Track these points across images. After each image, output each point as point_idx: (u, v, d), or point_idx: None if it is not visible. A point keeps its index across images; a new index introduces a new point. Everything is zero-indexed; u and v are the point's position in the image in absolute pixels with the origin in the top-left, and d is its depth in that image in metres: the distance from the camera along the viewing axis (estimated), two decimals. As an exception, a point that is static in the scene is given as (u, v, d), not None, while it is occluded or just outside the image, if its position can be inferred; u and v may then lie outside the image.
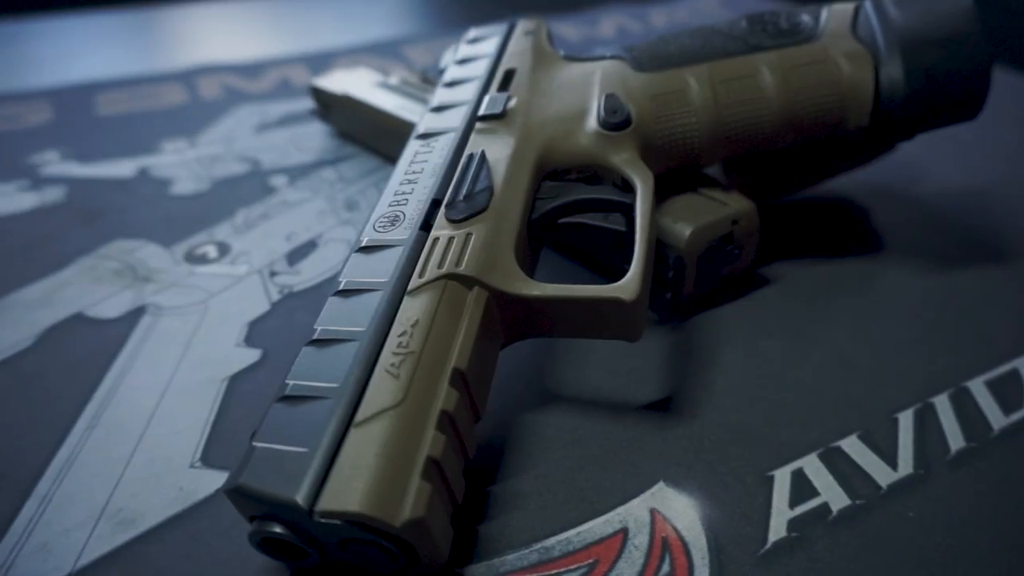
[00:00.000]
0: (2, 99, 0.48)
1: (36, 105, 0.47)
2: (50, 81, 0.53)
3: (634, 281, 0.22)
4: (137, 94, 0.49)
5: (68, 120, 0.46)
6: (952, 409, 0.25)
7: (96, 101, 0.48)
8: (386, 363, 0.19)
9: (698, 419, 0.24)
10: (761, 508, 0.21)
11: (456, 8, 0.73)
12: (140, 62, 0.57)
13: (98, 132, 0.44)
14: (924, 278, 0.31)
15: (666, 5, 0.68)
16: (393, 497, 0.17)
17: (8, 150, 0.42)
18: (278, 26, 0.68)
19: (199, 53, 0.60)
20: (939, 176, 0.39)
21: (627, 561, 0.20)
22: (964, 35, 0.26)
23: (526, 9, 0.70)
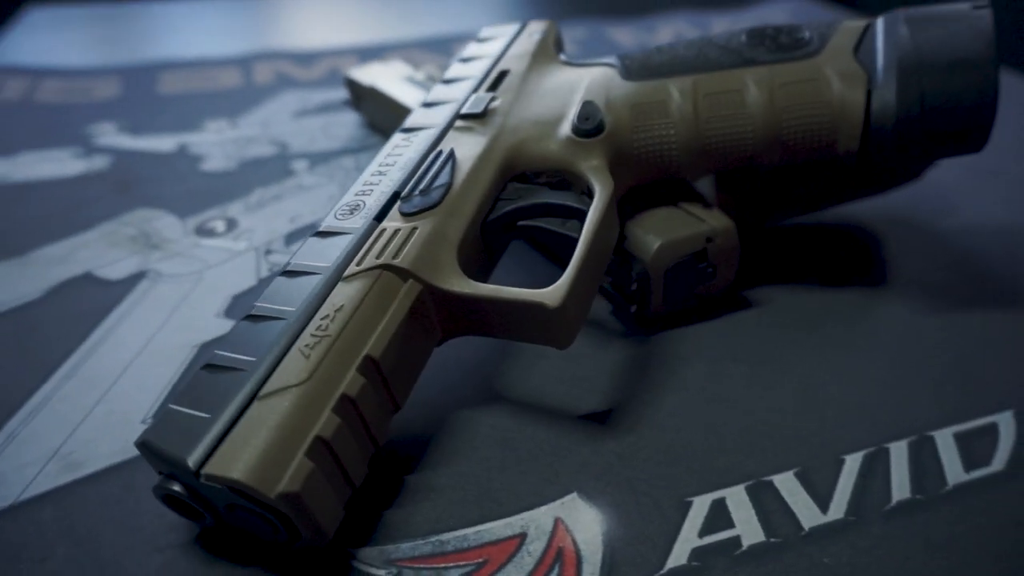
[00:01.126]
0: (80, 73, 0.53)
1: (107, 80, 0.52)
2: (158, 56, 0.57)
3: (561, 289, 0.21)
4: (197, 75, 0.53)
5: (131, 96, 0.50)
6: (908, 457, 0.23)
7: (160, 80, 0.52)
8: (302, 343, 0.20)
9: (634, 435, 0.24)
10: (668, 533, 0.21)
11: (532, 7, 0.74)
12: (239, 44, 0.61)
13: (154, 109, 0.48)
14: (924, 317, 0.29)
15: (731, 13, 0.66)
16: (273, 469, 0.18)
17: (74, 120, 0.46)
18: (377, 15, 0.70)
19: (299, 38, 0.63)
20: (972, 210, 0.36)
21: (516, 566, 0.20)
22: (972, 62, 0.25)
23: (591, 11, 0.70)
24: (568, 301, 0.21)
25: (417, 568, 0.20)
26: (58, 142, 0.43)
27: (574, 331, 0.22)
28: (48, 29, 0.65)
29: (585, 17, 0.68)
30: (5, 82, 0.51)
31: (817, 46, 0.27)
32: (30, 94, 0.49)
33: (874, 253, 0.33)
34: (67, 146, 0.42)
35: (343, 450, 0.19)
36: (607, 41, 0.60)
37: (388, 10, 0.72)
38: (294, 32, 0.66)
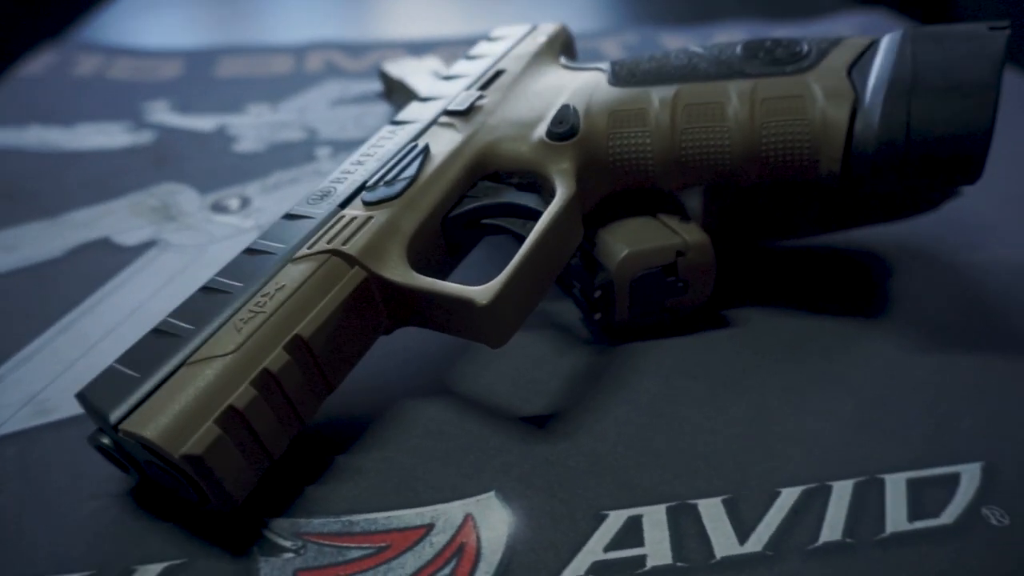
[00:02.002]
0: (149, 54, 0.57)
1: (171, 61, 0.55)
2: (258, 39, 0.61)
3: (492, 288, 0.22)
4: (253, 61, 0.56)
5: (190, 77, 0.53)
6: (850, 498, 0.22)
7: (219, 63, 0.55)
8: (238, 317, 0.21)
9: (569, 442, 0.24)
10: (574, 543, 0.20)
11: (633, 10, 0.73)
12: (349, 31, 0.64)
13: (206, 90, 0.50)
14: (910, 355, 0.27)
15: (795, 24, 0.63)
16: (181, 432, 0.19)
17: (132, 96, 0.49)
18: (448, 10, 0.72)
19: (392, 29, 0.66)
20: (1001, 247, 0.33)
21: (414, 554, 0.20)
22: (970, 86, 0.23)
23: (653, 18, 0.69)
24: (499, 301, 0.22)
25: (320, 544, 0.20)
26: (113, 116, 0.46)
27: (507, 331, 0.22)
28: (148, 9, 0.70)
29: (645, 23, 0.67)
30: (81, 58, 0.55)
31: (812, 61, 0.26)
32: (102, 71, 0.53)
33: (878, 283, 0.31)
34: (120, 120, 0.46)
35: (258, 422, 0.20)
36: (660, 48, 0.59)
37: (457, 7, 0.73)
38: (391, 22, 0.68)
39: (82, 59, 0.55)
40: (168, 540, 0.20)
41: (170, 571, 0.20)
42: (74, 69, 0.53)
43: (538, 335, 0.28)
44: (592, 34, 0.62)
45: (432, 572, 0.20)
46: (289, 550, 0.20)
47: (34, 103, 0.48)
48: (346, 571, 0.20)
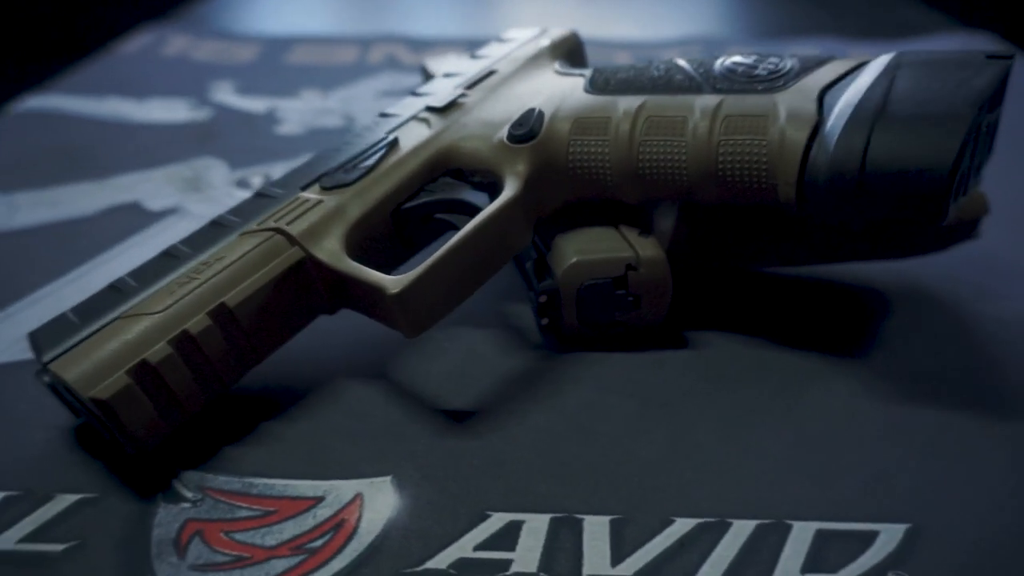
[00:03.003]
0: (230, 38, 0.61)
1: (248, 46, 0.59)
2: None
3: (406, 279, 0.22)
4: (322, 50, 0.59)
5: (262, 62, 0.57)
6: (746, 539, 0.21)
7: (292, 50, 0.59)
8: (176, 281, 0.23)
9: (479, 441, 0.24)
10: (447, 537, 0.21)
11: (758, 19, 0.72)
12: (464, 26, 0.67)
13: (271, 74, 0.54)
14: (873, 403, 0.25)
15: (888, 45, 0.59)
16: (95, 377, 0.21)
17: (205, 76, 0.54)
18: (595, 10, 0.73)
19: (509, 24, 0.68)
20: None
21: (295, 523, 0.21)
22: (940, 119, 0.21)
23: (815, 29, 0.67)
24: (411, 292, 0.22)
25: (217, 500, 0.22)
26: (181, 93, 0.50)
27: (419, 323, 0.23)
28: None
29: (735, 38, 0.65)
30: (172, 39, 0.60)
31: (789, 80, 0.25)
32: (187, 52, 0.58)
33: (866, 322, 0.29)
34: (186, 97, 0.50)
35: (173, 378, 0.22)
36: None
37: (581, 8, 0.74)
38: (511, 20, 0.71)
39: (173, 40, 0.60)
40: (91, 475, 0.23)
41: (83, 503, 0.22)
42: (163, 49, 0.58)
43: (490, 334, 0.29)
44: (668, 43, 0.61)
45: (305, 542, 0.21)
46: (188, 500, 0.22)
47: (118, 77, 0.53)
48: (229, 527, 0.21)
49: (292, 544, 0.21)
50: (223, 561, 0.20)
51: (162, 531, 0.21)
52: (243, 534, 0.21)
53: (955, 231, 0.29)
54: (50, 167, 0.41)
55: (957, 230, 0.29)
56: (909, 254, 0.29)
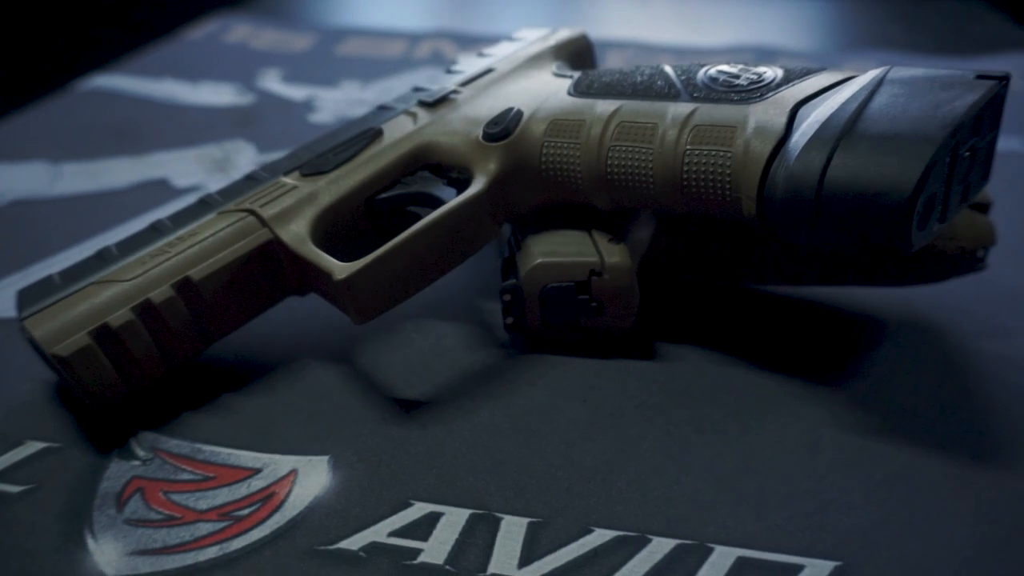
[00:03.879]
0: (288, 28, 0.63)
1: (305, 37, 0.61)
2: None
3: (354, 266, 0.23)
4: (374, 43, 0.60)
5: (313, 52, 0.59)
6: (662, 557, 0.20)
7: (344, 41, 0.61)
8: (150, 253, 0.24)
9: (421, 430, 0.24)
10: (366, 520, 0.21)
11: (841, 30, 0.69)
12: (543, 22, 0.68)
13: (319, 64, 0.56)
14: (835, 434, 0.24)
15: (956, 61, 0.56)
16: (59, 335, 0.22)
17: (256, 63, 0.56)
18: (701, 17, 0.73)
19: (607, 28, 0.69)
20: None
21: (230, 490, 0.22)
22: (908, 141, 0.20)
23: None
24: (358, 279, 0.23)
25: (164, 460, 0.23)
26: (232, 78, 0.53)
27: (367, 310, 0.23)
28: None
29: (808, 51, 0.63)
30: (235, 28, 0.63)
31: (768, 92, 0.24)
32: (246, 40, 0.61)
33: (855, 349, 0.28)
34: (235, 82, 0.52)
35: (133, 343, 0.23)
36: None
37: (667, 13, 0.74)
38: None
39: (236, 28, 0.63)
40: (60, 426, 0.24)
41: (48, 451, 0.23)
42: (225, 36, 0.62)
43: (459, 328, 0.29)
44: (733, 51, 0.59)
45: (233, 509, 0.22)
46: (139, 459, 0.23)
47: (179, 61, 0.56)
48: (169, 488, 0.22)
49: (221, 510, 0.22)
50: (155, 519, 0.21)
51: (109, 484, 0.22)
52: (179, 495, 0.22)
53: (956, 261, 0.27)
54: (98, 142, 0.44)
55: (958, 260, 0.27)
56: (905, 282, 0.28)
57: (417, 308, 0.30)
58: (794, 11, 0.72)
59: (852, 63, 0.56)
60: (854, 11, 0.72)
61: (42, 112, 0.48)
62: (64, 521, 0.21)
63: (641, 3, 0.75)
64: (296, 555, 0.20)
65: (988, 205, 0.27)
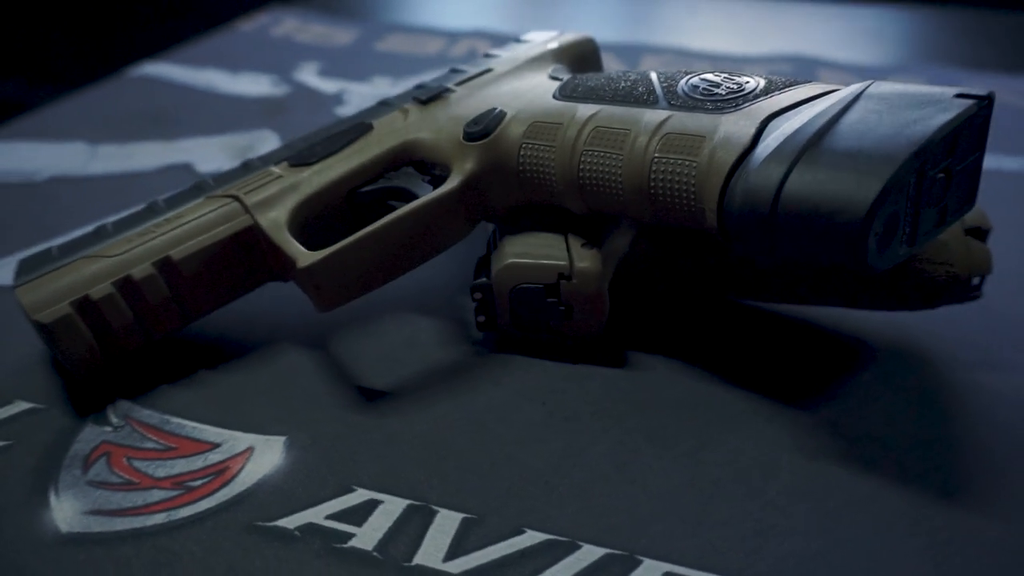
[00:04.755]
0: (333, 23, 0.65)
1: (348, 32, 0.63)
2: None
3: (317, 255, 0.23)
4: (413, 40, 0.61)
5: (353, 47, 0.60)
6: (587, 564, 0.20)
7: (385, 38, 0.62)
8: (138, 232, 0.26)
9: (378, 419, 0.25)
10: (307, 501, 0.22)
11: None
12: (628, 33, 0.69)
13: (356, 60, 0.57)
14: (796, 458, 0.23)
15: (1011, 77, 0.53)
16: (43, 304, 0.24)
17: (296, 56, 0.58)
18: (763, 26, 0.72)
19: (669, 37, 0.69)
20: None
21: (187, 461, 0.23)
22: (871, 160, 0.19)
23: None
24: (320, 268, 0.23)
25: (134, 428, 0.24)
26: (270, 70, 0.55)
27: (329, 299, 0.24)
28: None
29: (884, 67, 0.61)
30: (285, 21, 0.65)
31: (745, 102, 0.23)
32: (292, 34, 0.63)
33: (838, 373, 0.27)
34: (273, 74, 0.54)
35: (113, 316, 0.24)
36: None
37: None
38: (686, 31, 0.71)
39: (285, 22, 0.65)
40: (47, 390, 0.26)
41: (31, 411, 0.25)
42: (274, 29, 0.64)
43: (436, 323, 0.29)
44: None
45: (187, 480, 0.23)
46: (112, 425, 0.25)
47: (225, 51, 0.58)
48: (132, 454, 0.23)
49: (176, 479, 0.23)
50: (115, 482, 0.23)
51: (80, 447, 0.24)
52: (141, 462, 0.23)
53: (947, 287, 0.26)
54: (135, 126, 0.46)
55: (949, 287, 0.26)
56: (890, 306, 0.27)
57: (398, 301, 0.30)
58: (847, 21, 0.70)
59: (901, 78, 0.54)
60: (912, 22, 0.69)
61: (92, 96, 0.51)
62: (34, 477, 0.23)
63: (690, 10, 0.74)
64: (236, 528, 0.21)
65: (987, 231, 0.26)
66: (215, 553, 0.20)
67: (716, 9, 0.74)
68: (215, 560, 0.20)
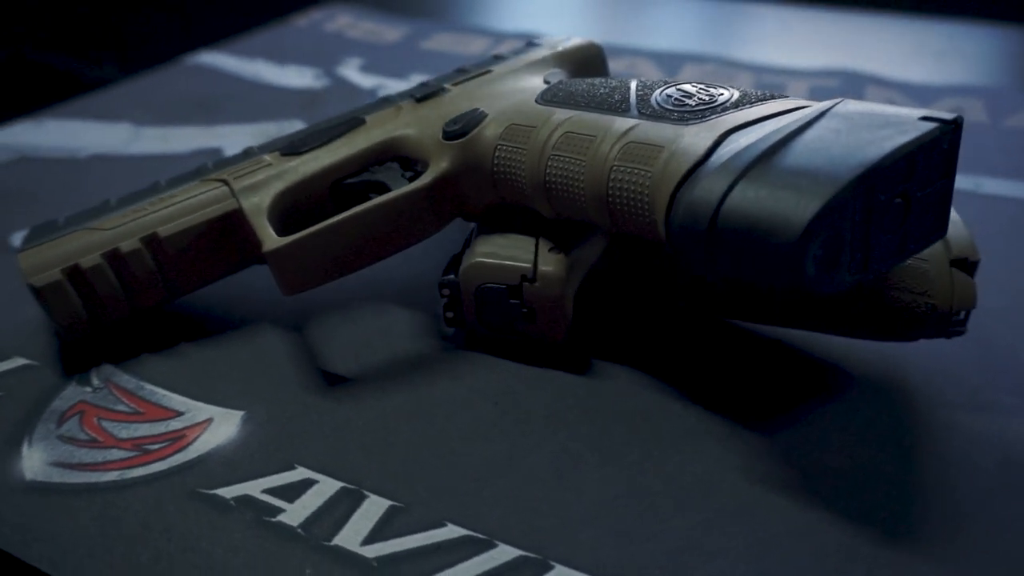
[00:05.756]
0: (381, 21, 0.67)
1: (397, 29, 0.65)
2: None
3: (285, 239, 0.24)
4: (459, 40, 0.62)
5: (399, 44, 0.62)
6: (500, 564, 0.20)
7: (431, 37, 0.63)
8: (135, 208, 0.27)
9: (334, 404, 0.26)
10: (249, 474, 0.23)
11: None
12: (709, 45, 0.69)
13: (398, 57, 0.59)
14: (741, 481, 0.23)
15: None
16: (39, 269, 0.26)
17: (343, 51, 0.60)
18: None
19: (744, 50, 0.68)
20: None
21: (150, 426, 0.25)
22: (815, 181, 0.18)
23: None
24: (284, 253, 0.24)
25: (111, 391, 0.26)
26: (315, 63, 0.57)
27: (293, 284, 0.25)
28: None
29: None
30: (338, 17, 0.68)
31: (712, 114, 0.23)
32: (344, 30, 0.65)
33: (810, 400, 0.26)
34: (316, 66, 0.56)
35: (100, 285, 0.26)
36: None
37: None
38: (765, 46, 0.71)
39: (338, 17, 0.68)
40: (44, 349, 0.28)
41: (27, 367, 0.27)
42: (327, 24, 0.66)
43: (412, 315, 0.30)
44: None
45: (146, 443, 0.24)
46: (92, 387, 0.26)
47: (276, 44, 0.61)
48: (103, 415, 0.25)
49: (136, 441, 0.24)
50: (82, 439, 0.24)
51: (59, 403, 0.26)
52: (109, 423, 0.25)
53: (925, 320, 0.24)
54: (181, 110, 0.49)
55: (928, 319, 0.24)
56: (867, 335, 0.25)
57: (382, 291, 0.31)
58: (912, 36, 0.67)
59: (957, 101, 0.51)
60: (985, 41, 0.65)
61: (147, 80, 0.54)
62: (14, 428, 0.25)
63: (751, 20, 0.72)
64: (179, 492, 0.22)
65: (974, 263, 0.24)
66: (155, 513, 0.22)
67: (775, 22, 0.72)
68: (154, 520, 0.22)
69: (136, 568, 0.20)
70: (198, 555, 0.21)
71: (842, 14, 0.73)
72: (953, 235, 0.25)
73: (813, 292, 0.19)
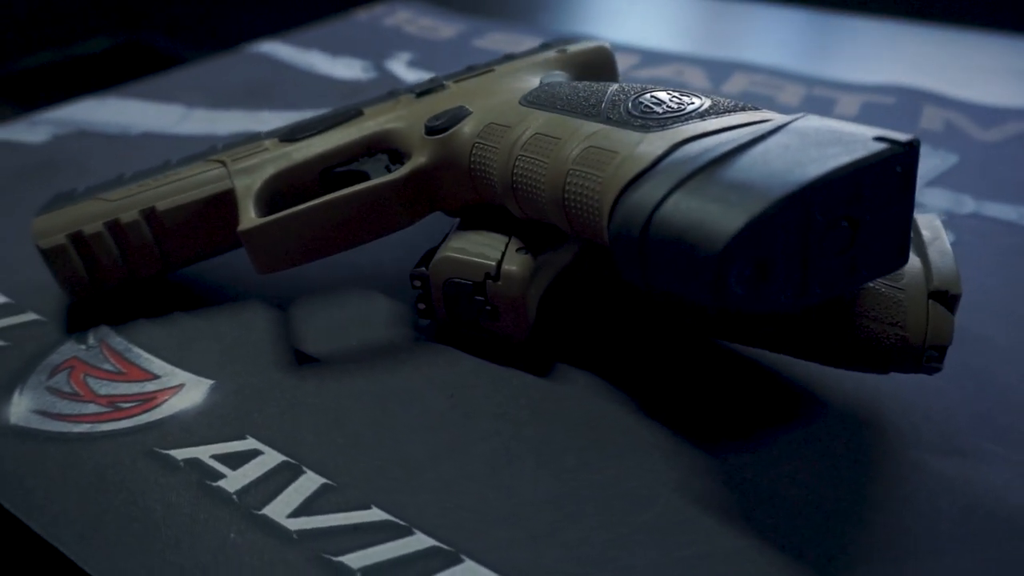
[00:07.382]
0: (439, 18, 0.68)
1: (453, 26, 0.66)
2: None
3: (260, 221, 0.26)
4: (510, 40, 0.63)
5: (452, 42, 0.63)
6: (411, 550, 0.20)
7: (485, 36, 0.64)
8: (140, 183, 0.29)
9: (297, 382, 0.27)
10: (202, 440, 0.24)
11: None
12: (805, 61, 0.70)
13: (448, 54, 0.60)
14: (683, 501, 0.22)
15: None
16: (46, 232, 0.28)
17: (396, 46, 0.61)
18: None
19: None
20: (1008, 472, 0.23)
21: (128, 386, 0.26)
22: (748, 195, 0.18)
23: None
24: (256, 233, 0.26)
25: (101, 351, 0.28)
26: (367, 56, 0.59)
27: (265, 264, 0.26)
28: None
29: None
30: (397, 12, 0.69)
31: (675, 122, 0.22)
32: (402, 25, 0.67)
33: (769, 424, 0.25)
34: (366, 58, 0.58)
35: (100, 252, 0.28)
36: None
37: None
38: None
39: (398, 13, 0.69)
40: (54, 306, 0.30)
41: (35, 322, 0.30)
42: (386, 20, 0.68)
43: (392, 304, 0.31)
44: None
45: (120, 401, 0.26)
46: (86, 345, 0.28)
47: (334, 36, 0.63)
48: (90, 372, 0.27)
49: (111, 398, 0.26)
50: (66, 392, 0.26)
51: (55, 357, 0.28)
52: (93, 380, 0.27)
53: (896, 353, 0.23)
54: (234, 95, 0.52)
55: (899, 352, 0.23)
56: (834, 363, 0.24)
57: (371, 278, 0.32)
58: (989, 53, 0.62)
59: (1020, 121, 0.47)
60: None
61: (207, 66, 0.57)
62: (10, 376, 0.27)
63: (817, 32, 0.69)
64: (137, 449, 0.24)
65: (955, 296, 0.23)
66: (112, 467, 0.23)
67: (843, 36, 0.69)
68: (111, 473, 0.23)
69: (84, 516, 0.22)
70: (138, 509, 0.22)
71: (924, 28, 0.69)
72: (938, 266, 0.23)
73: (744, 311, 0.18)
